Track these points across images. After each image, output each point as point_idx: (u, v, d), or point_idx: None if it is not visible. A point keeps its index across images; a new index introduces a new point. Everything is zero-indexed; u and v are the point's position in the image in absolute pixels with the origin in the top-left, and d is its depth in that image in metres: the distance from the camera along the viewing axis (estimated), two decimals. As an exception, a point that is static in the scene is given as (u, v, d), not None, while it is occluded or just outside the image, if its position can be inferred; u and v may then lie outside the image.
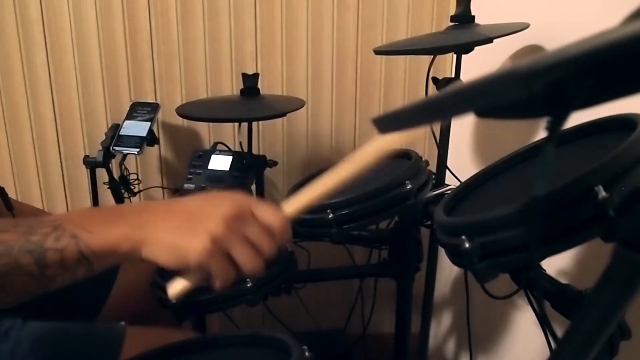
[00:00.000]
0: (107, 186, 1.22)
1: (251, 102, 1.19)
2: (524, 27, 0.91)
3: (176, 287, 0.54)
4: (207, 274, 0.51)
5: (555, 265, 0.89)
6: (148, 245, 0.50)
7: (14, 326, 0.73)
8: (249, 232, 0.51)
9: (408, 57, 1.43)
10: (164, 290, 0.84)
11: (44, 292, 0.50)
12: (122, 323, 0.78)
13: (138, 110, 1.24)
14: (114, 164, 1.23)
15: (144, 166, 1.45)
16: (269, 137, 1.47)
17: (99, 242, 0.49)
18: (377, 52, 1.04)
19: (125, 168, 1.26)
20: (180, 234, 0.50)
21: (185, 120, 1.40)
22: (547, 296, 0.64)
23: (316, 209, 0.83)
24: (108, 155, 1.18)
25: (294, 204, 0.56)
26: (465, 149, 1.35)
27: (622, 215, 0.42)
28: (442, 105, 0.34)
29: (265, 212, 0.53)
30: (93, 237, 0.49)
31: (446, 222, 0.60)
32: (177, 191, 1.28)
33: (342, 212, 0.80)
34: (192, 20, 1.36)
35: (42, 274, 0.48)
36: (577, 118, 0.49)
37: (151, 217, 0.51)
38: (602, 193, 0.44)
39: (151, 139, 1.20)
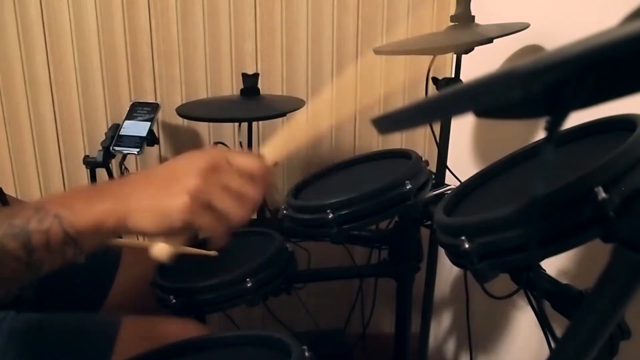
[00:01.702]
0: (107, 186, 1.22)
1: (251, 102, 1.19)
2: (524, 27, 0.91)
3: (161, 249, 0.53)
4: (193, 232, 0.51)
5: (555, 265, 0.89)
6: (132, 216, 0.49)
7: (7, 317, 0.73)
8: (228, 180, 0.51)
9: (408, 57, 1.43)
10: (164, 290, 0.84)
11: (35, 276, 0.50)
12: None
13: (138, 110, 1.24)
14: (114, 164, 1.23)
15: (144, 166, 1.45)
16: (269, 137, 1.46)
17: (83, 220, 0.49)
18: (377, 52, 1.04)
19: (125, 168, 1.26)
20: (160, 197, 0.49)
21: (185, 120, 1.40)
22: (547, 296, 0.64)
23: (316, 209, 0.84)
24: (108, 155, 1.18)
25: (272, 147, 0.57)
26: (465, 149, 1.35)
27: (622, 216, 0.42)
28: (441, 105, 0.34)
29: (242, 158, 0.53)
30: (76, 216, 0.49)
31: (446, 223, 0.60)
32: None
33: (342, 212, 0.80)
34: (192, 20, 1.36)
35: (30, 257, 0.48)
36: (577, 118, 0.49)
37: (131, 188, 0.51)
38: (602, 194, 0.44)
39: (151, 139, 1.20)
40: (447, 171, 1.14)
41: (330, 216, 0.80)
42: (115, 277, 0.97)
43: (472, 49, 1.00)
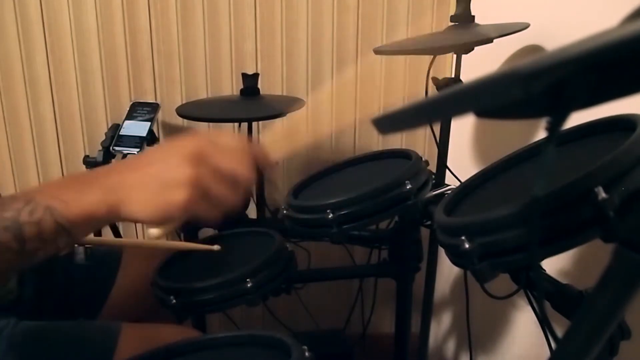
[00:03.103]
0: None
1: (251, 102, 1.19)
2: (524, 27, 0.91)
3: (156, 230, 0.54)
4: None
5: (555, 265, 0.89)
6: (126, 205, 0.49)
7: (7, 326, 0.73)
8: (219, 164, 0.51)
9: (408, 57, 1.43)
10: (164, 290, 0.84)
11: (30, 265, 0.50)
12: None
13: (138, 110, 1.24)
14: (114, 164, 1.23)
15: (144, 166, 1.45)
16: (269, 131, 1.46)
17: (74, 211, 0.49)
18: (377, 52, 1.04)
19: (125, 168, 1.26)
20: (158, 189, 0.49)
21: (185, 120, 1.40)
22: (547, 296, 0.64)
23: (316, 209, 0.84)
24: (108, 155, 1.18)
25: (271, 141, 0.58)
26: (465, 149, 1.35)
27: (622, 216, 0.42)
28: (442, 106, 0.34)
29: (225, 139, 0.53)
30: (67, 206, 0.49)
31: (446, 222, 0.60)
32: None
33: (342, 212, 0.80)
34: (192, 20, 1.36)
35: (22, 248, 0.48)
36: (577, 118, 0.49)
37: (121, 177, 0.51)
38: (602, 194, 0.43)
39: (151, 139, 1.20)
40: (447, 171, 1.14)
41: (330, 216, 0.80)
42: (117, 278, 0.97)
43: (472, 49, 1.00)
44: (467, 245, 0.52)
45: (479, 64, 1.00)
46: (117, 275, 0.97)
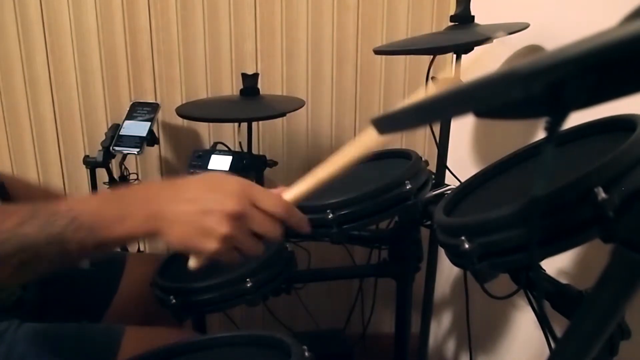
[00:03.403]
0: (107, 186, 1.22)
1: (251, 102, 1.19)
2: (524, 27, 0.91)
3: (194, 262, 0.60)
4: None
5: (555, 265, 0.89)
6: (162, 235, 0.55)
7: (10, 327, 0.73)
8: (254, 225, 0.55)
9: (408, 57, 1.43)
10: (164, 290, 0.84)
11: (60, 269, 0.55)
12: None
13: (138, 110, 1.24)
14: (114, 164, 1.23)
15: (144, 166, 1.45)
16: (269, 137, 1.47)
17: (115, 234, 0.54)
18: (377, 52, 1.04)
19: (125, 168, 1.26)
20: (193, 231, 0.54)
21: (185, 120, 1.40)
22: (547, 296, 0.64)
23: (316, 209, 0.84)
24: (108, 155, 1.18)
25: (294, 191, 0.62)
26: (465, 149, 1.35)
27: (621, 216, 0.42)
28: (441, 106, 0.34)
29: (268, 201, 0.57)
30: (109, 230, 0.54)
31: (446, 223, 0.60)
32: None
33: (342, 212, 0.80)
34: (192, 20, 1.36)
35: (62, 260, 0.54)
36: (577, 118, 0.49)
37: (162, 207, 0.55)
38: (602, 194, 0.44)
39: (151, 139, 1.20)
40: (447, 171, 1.14)
41: (330, 216, 0.80)
42: (120, 283, 0.97)
43: (472, 49, 1.00)
44: (467, 245, 0.52)
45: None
46: (121, 280, 0.97)
